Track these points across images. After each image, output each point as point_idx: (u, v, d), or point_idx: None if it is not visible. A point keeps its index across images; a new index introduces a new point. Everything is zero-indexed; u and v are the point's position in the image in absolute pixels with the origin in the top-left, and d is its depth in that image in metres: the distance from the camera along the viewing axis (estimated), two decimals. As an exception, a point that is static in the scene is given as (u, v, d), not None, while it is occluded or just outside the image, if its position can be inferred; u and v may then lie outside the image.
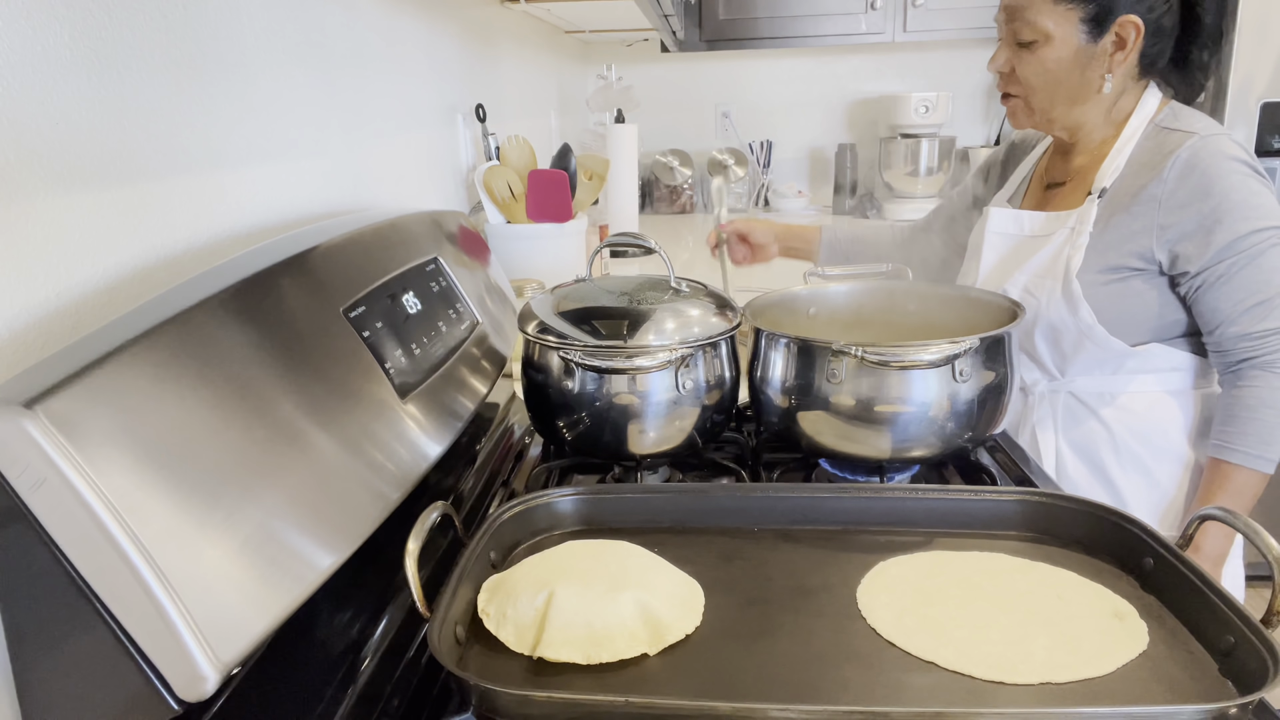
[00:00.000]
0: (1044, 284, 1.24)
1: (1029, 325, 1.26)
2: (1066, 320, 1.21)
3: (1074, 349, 1.24)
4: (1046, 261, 1.24)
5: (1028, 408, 1.31)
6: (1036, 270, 1.25)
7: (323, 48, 1.08)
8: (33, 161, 0.61)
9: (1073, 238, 1.22)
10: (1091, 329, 1.20)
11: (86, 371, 0.50)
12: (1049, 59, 1.19)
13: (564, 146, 1.81)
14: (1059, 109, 1.23)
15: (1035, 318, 1.24)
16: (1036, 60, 1.20)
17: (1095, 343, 1.21)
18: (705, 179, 3.39)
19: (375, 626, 0.73)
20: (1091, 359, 1.23)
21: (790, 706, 0.55)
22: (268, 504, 0.58)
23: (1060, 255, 1.23)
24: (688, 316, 0.95)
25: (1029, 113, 1.26)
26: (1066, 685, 0.60)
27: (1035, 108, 1.24)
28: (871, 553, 0.78)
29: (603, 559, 0.73)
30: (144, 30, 0.74)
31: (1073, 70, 1.19)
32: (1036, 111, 1.25)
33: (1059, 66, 1.19)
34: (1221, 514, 0.67)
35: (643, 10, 1.83)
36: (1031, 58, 1.20)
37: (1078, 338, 1.22)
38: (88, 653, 0.50)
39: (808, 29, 2.87)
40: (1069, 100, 1.22)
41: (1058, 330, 1.23)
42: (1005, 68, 1.24)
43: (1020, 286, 1.26)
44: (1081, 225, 1.21)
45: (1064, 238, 1.23)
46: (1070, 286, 1.20)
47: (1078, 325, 1.21)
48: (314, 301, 0.74)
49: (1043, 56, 1.19)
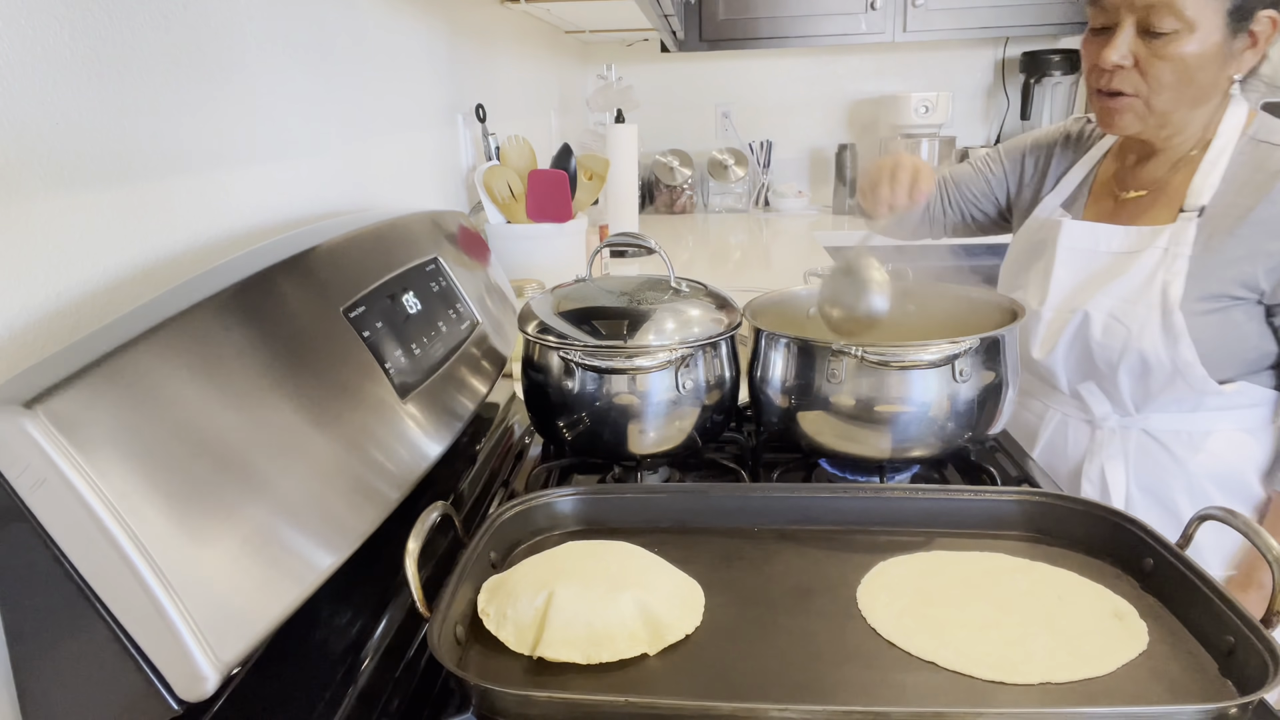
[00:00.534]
0: (1135, 312, 1.10)
1: (1111, 357, 1.13)
2: (1161, 355, 1.09)
3: (1162, 386, 1.12)
4: (1137, 286, 1.11)
5: (1095, 443, 1.21)
6: (1125, 295, 1.11)
7: (323, 48, 1.08)
8: (33, 161, 0.61)
9: (1167, 260, 1.09)
10: (1190, 367, 1.08)
11: (86, 371, 0.50)
12: (1189, 53, 1.02)
13: (564, 146, 1.81)
14: (1181, 112, 1.08)
15: (1122, 349, 1.11)
16: (1174, 53, 1.02)
17: (1189, 381, 1.09)
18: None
19: (375, 626, 0.73)
20: (1174, 396, 1.13)
21: (790, 706, 0.55)
22: (268, 504, 0.58)
23: (1154, 280, 1.10)
24: (688, 316, 0.95)
25: (1144, 115, 1.08)
26: (1066, 685, 0.60)
27: (1155, 109, 1.07)
28: (871, 553, 0.78)
29: (603, 559, 0.73)
30: (144, 30, 0.74)
31: (1208, 67, 1.04)
32: (1155, 113, 1.08)
33: (1197, 62, 1.03)
34: (1221, 514, 0.67)
35: (643, 10, 1.83)
36: (1166, 50, 1.03)
37: (1171, 375, 1.10)
38: (88, 653, 0.50)
39: (808, 29, 2.87)
40: (1193, 102, 1.07)
41: (1149, 365, 1.11)
42: (1128, 60, 1.05)
43: (1105, 312, 1.13)
44: (1177, 247, 1.09)
45: (1156, 259, 1.10)
46: (1171, 318, 1.07)
47: (1174, 361, 1.09)
48: (314, 301, 0.74)
49: (1182, 49, 1.02)
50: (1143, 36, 1.04)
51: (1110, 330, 1.11)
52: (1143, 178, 1.17)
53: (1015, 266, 1.30)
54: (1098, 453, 1.21)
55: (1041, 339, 1.22)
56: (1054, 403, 1.27)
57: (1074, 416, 1.25)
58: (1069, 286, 1.19)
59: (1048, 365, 1.22)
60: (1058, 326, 1.19)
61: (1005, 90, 3.29)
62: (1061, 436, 1.26)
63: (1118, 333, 1.11)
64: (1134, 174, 1.19)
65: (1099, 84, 1.09)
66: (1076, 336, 1.17)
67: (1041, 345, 1.22)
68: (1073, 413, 1.25)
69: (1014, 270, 1.30)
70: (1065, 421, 1.26)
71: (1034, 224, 1.28)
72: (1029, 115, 3.13)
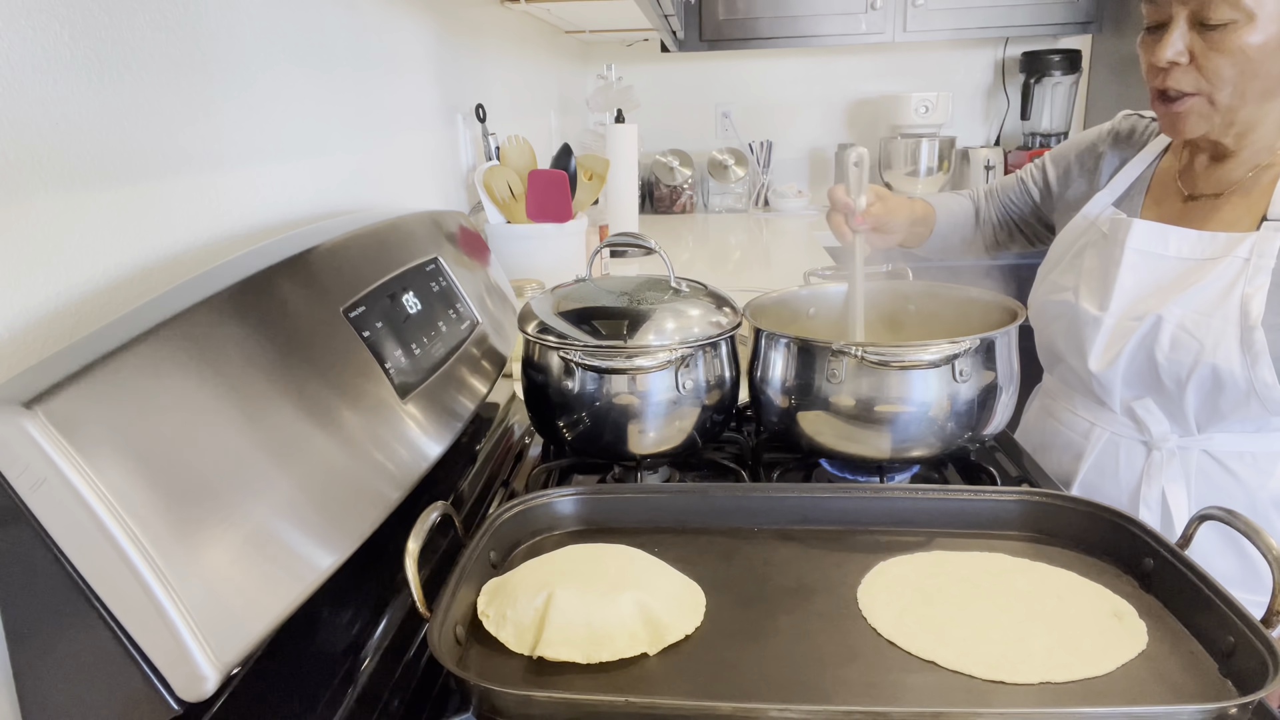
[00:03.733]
0: (1210, 325, 1.02)
1: (1179, 372, 1.05)
2: (1237, 373, 1.01)
3: (1233, 407, 1.04)
4: (1213, 297, 1.02)
5: (1151, 465, 1.12)
6: (1199, 306, 1.03)
7: (322, 48, 1.08)
8: (33, 161, 0.61)
9: (1249, 272, 1.01)
10: (1269, 389, 1.00)
11: (86, 371, 0.50)
12: (1251, 44, 0.95)
13: (564, 146, 1.81)
14: (1249, 107, 1.00)
15: (1193, 364, 1.03)
16: (1233, 45, 0.95)
17: (1265, 403, 1.02)
18: (846, 165, 3.34)
19: (375, 626, 0.73)
20: (1241, 416, 1.05)
21: (790, 706, 0.55)
22: (268, 504, 0.58)
23: (1233, 292, 1.01)
24: (688, 316, 0.95)
25: (1209, 114, 1.01)
26: (1066, 685, 0.60)
27: (1219, 106, 0.99)
28: (871, 553, 0.78)
29: (602, 562, 0.73)
30: (144, 30, 0.74)
31: (1273, 59, 0.96)
32: (1220, 111, 1.00)
33: (1260, 53, 0.95)
34: (1221, 514, 0.67)
35: (643, 10, 1.83)
36: (1224, 42, 0.96)
37: (1245, 395, 1.02)
38: (88, 653, 0.50)
39: (808, 29, 2.88)
40: (1261, 97, 0.99)
41: (1222, 382, 1.03)
42: (1183, 57, 0.98)
43: (1175, 323, 1.04)
44: (1261, 259, 1.00)
45: (1235, 270, 1.02)
46: (1253, 336, 0.99)
47: (1250, 382, 1.01)
48: (314, 301, 0.74)
49: (1242, 41, 0.95)
50: (1197, 30, 0.97)
51: (1180, 343, 1.02)
52: (1216, 179, 1.08)
53: (1060, 267, 1.20)
54: (1156, 475, 1.11)
55: (1103, 349, 1.11)
56: (1101, 420, 1.17)
57: (1126, 436, 1.14)
58: (1134, 292, 1.08)
59: (1104, 379, 1.12)
60: (1122, 336, 1.08)
61: (1005, 90, 3.29)
62: (1112, 457, 1.16)
63: (1188, 346, 1.03)
64: (1206, 174, 1.10)
65: (1156, 83, 1.02)
66: (1140, 347, 1.07)
67: (1102, 356, 1.11)
68: (1124, 432, 1.14)
69: (1058, 271, 1.20)
70: (1116, 441, 1.15)
71: (1082, 222, 1.18)
72: (1029, 115, 3.13)
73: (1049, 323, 1.21)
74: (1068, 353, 1.18)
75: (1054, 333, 1.20)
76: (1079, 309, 1.14)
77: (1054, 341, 1.21)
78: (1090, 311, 1.12)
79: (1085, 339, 1.13)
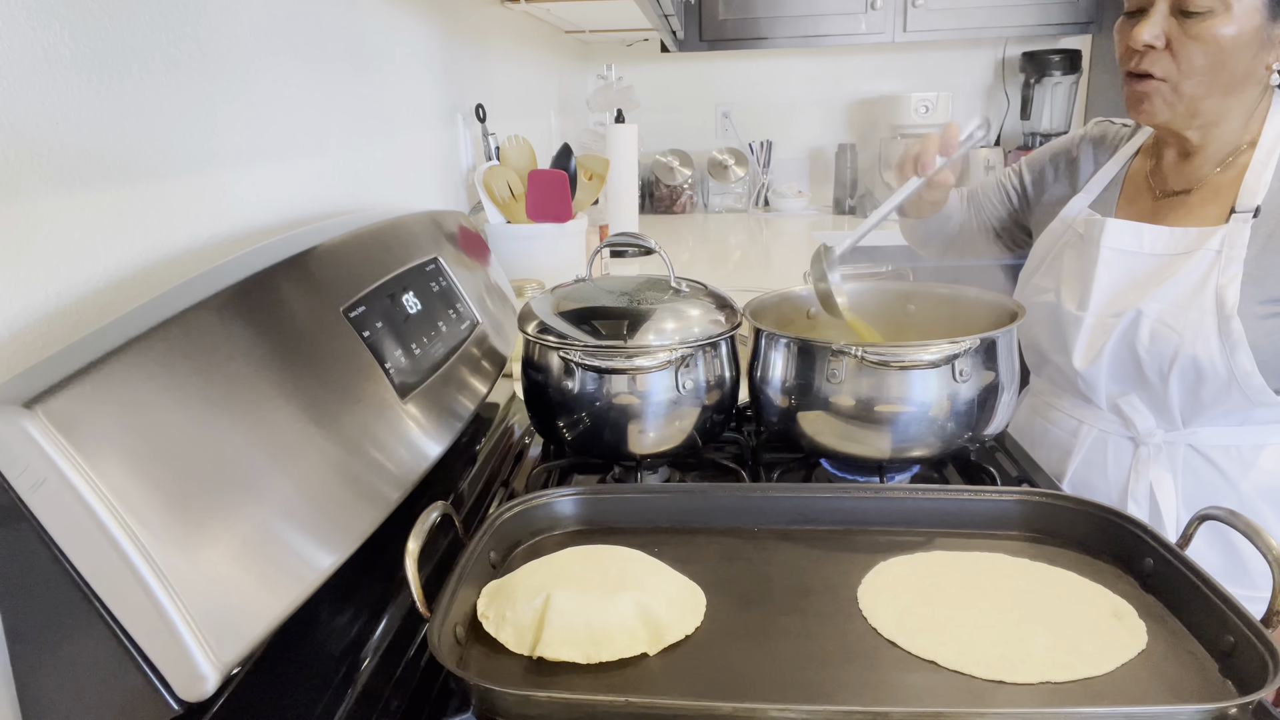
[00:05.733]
0: (1187, 317, 1.05)
1: (1161, 365, 1.07)
2: (1217, 364, 1.04)
3: (1215, 398, 1.06)
4: (1188, 290, 1.05)
5: (1139, 460, 1.14)
6: (1176, 299, 1.06)
7: (322, 47, 1.08)
8: (33, 161, 0.61)
9: (1221, 263, 1.04)
10: (1248, 376, 1.03)
11: (86, 371, 0.50)
12: (1223, 35, 0.98)
13: (564, 146, 1.81)
14: (1212, 99, 1.03)
15: (1174, 356, 1.05)
16: (1207, 34, 0.99)
17: (1246, 392, 1.04)
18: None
19: (375, 626, 0.73)
20: (1225, 408, 1.08)
21: (790, 706, 0.55)
22: (268, 504, 0.58)
23: (1207, 283, 1.05)
24: (688, 316, 0.95)
25: (1173, 100, 1.04)
26: (1066, 685, 0.60)
27: (1184, 94, 1.03)
28: (871, 553, 0.78)
29: (602, 563, 0.73)
30: (144, 30, 0.74)
31: (1243, 52, 0.99)
32: (1184, 99, 1.03)
33: (1232, 45, 0.99)
34: (1222, 514, 0.67)
35: (643, 10, 1.83)
36: (1199, 31, 0.99)
37: (1226, 384, 1.05)
38: (88, 653, 0.50)
39: (808, 29, 2.88)
40: (1225, 89, 1.02)
41: (1202, 373, 1.05)
42: (1160, 41, 1.01)
43: (1153, 316, 1.07)
44: (1231, 249, 1.04)
45: (1208, 261, 1.05)
46: (1229, 325, 1.02)
47: (1230, 370, 1.04)
48: (314, 301, 0.74)
49: (1215, 31, 0.98)
50: (1177, 17, 1.00)
51: (1159, 336, 1.05)
52: (1185, 175, 1.12)
53: (1040, 268, 1.23)
54: (1144, 471, 1.14)
55: (1085, 346, 1.14)
56: (1088, 418, 1.20)
57: (1113, 433, 1.17)
58: (1111, 290, 1.12)
59: (1089, 376, 1.15)
60: (1103, 332, 1.12)
61: (1005, 90, 3.29)
62: (1100, 454, 1.19)
63: (1168, 339, 1.05)
64: (1175, 171, 1.13)
65: (1129, 66, 1.05)
66: (1122, 342, 1.10)
67: (1085, 353, 1.14)
68: (1111, 429, 1.17)
69: (1039, 272, 1.23)
70: (1104, 439, 1.18)
71: (1060, 225, 1.21)
72: (1029, 115, 3.13)
73: (1033, 324, 1.23)
74: (1053, 352, 1.20)
75: (1039, 334, 1.23)
76: (1061, 309, 1.17)
77: (1039, 342, 1.23)
78: (1071, 311, 1.15)
79: (1069, 338, 1.16)
